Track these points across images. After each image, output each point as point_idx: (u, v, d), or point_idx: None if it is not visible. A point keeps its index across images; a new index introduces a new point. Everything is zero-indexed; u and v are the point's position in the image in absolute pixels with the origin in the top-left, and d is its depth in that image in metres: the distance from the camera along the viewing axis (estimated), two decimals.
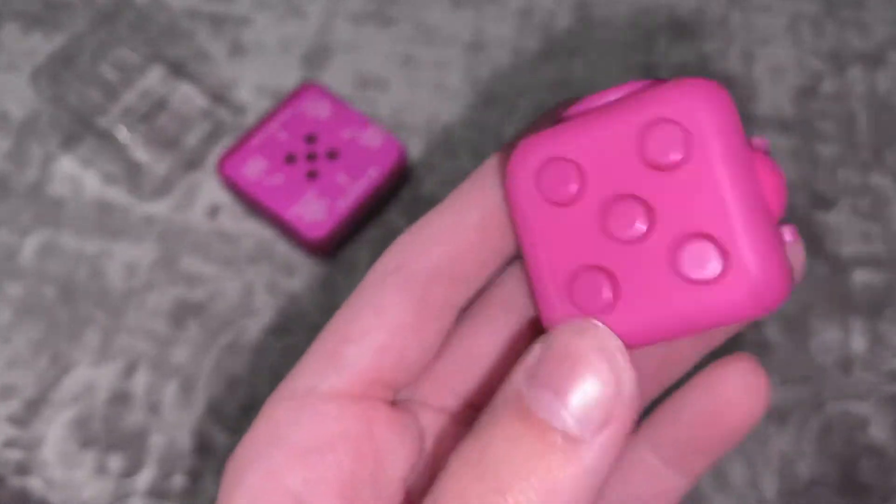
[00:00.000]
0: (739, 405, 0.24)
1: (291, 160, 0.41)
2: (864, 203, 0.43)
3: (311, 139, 0.42)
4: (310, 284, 0.40)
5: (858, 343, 0.39)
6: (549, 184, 0.19)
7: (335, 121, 0.42)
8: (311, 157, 0.42)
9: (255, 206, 0.41)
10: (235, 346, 0.39)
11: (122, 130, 0.41)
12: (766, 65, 0.46)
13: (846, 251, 0.41)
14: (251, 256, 0.41)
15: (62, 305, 0.40)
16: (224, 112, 0.43)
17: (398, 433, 0.22)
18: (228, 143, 0.44)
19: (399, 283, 0.21)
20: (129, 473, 0.37)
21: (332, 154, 0.42)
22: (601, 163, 0.19)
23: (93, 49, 0.42)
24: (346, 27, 0.47)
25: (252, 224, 0.42)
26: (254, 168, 0.41)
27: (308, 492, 0.20)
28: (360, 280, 0.24)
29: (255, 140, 0.42)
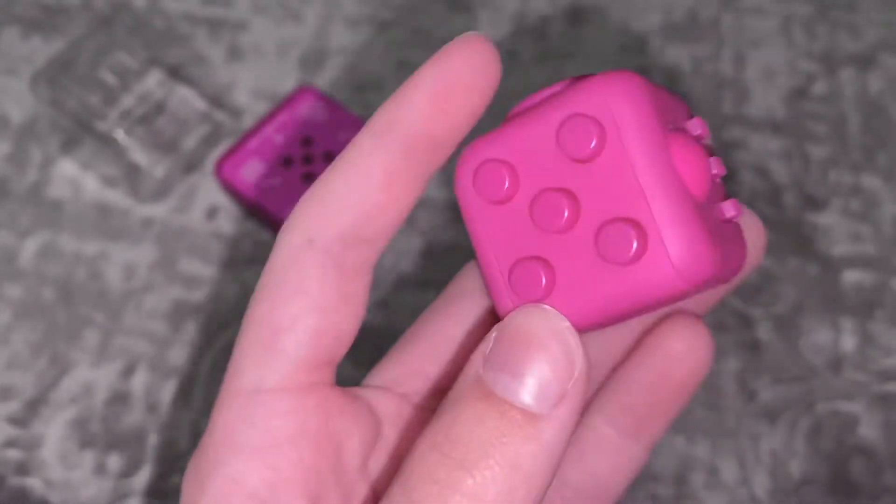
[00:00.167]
0: (687, 360, 0.25)
1: (288, 163, 0.42)
2: (855, 204, 0.43)
3: (308, 142, 0.42)
4: None
5: (849, 343, 0.40)
6: (485, 184, 0.20)
7: (332, 124, 0.43)
8: (308, 160, 0.42)
9: (253, 209, 0.41)
10: (233, 348, 0.40)
11: (121, 133, 0.42)
12: (758, 66, 0.46)
13: (837, 251, 0.42)
14: (249, 258, 0.41)
15: (61, 306, 0.40)
16: (222, 115, 0.43)
17: (354, 421, 0.22)
18: (226, 146, 0.44)
19: (316, 258, 0.21)
20: (129, 473, 0.37)
21: (329, 156, 0.42)
22: (530, 160, 0.20)
23: (91, 53, 0.43)
24: (343, 31, 0.47)
25: (250, 226, 0.42)
26: (251, 171, 0.42)
27: (272, 493, 0.20)
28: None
29: (253, 143, 0.42)
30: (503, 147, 0.20)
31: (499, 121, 0.45)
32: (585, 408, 0.26)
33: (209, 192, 0.43)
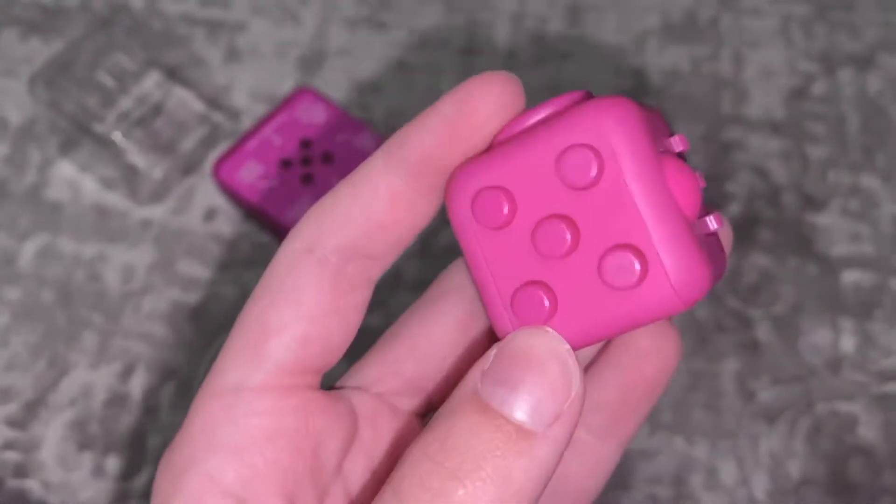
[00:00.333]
0: (656, 357, 0.25)
1: (287, 164, 0.42)
2: (854, 204, 0.43)
3: (306, 143, 0.42)
4: None
5: (848, 343, 0.40)
6: (484, 211, 0.21)
7: (330, 125, 0.43)
8: (306, 162, 0.42)
9: (251, 210, 0.41)
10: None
11: (119, 135, 0.42)
12: (757, 67, 0.46)
13: (836, 252, 0.42)
14: (247, 260, 0.41)
15: (60, 309, 0.40)
16: (220, 117, 0.43)
17: (333, 422, 0.22)
18: (224, 148, 0.44)
19: (313, 266, 0.21)
20: (127, 475, 0.37)
21: (327, 158, 0.42)
22: (528, 187, 0.21)
23: (90, 55, 0.43)
24: (341, 32, 0.47)
25: (248, 228, 0.42)
26: (249, 172, 0.42)
27: (248, 492, 0.20)
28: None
29: (251, 144, 0.42)
30: (500, 174, 0.21)
31: None
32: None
33: (207, 194, 0.43)
